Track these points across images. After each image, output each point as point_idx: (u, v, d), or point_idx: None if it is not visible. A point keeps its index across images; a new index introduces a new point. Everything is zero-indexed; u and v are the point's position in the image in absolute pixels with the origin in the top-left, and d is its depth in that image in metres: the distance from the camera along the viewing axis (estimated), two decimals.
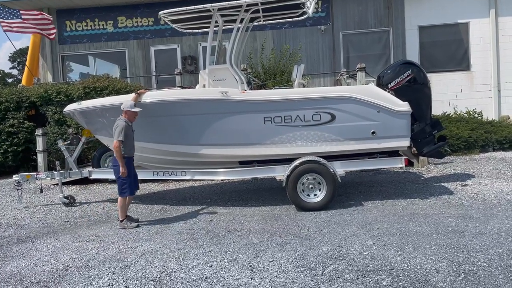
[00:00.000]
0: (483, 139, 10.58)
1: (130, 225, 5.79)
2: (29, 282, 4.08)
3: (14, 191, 7.77)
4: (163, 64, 14.18)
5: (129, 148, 5.87)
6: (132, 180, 5.87)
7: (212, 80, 6.71)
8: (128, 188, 5.80)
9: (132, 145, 5.93)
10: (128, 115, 5.89)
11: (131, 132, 5.92)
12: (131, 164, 5.91)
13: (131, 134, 5.91)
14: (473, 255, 4.10)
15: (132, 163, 5.94)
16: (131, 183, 5.83)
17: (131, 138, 5.90)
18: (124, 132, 5.69)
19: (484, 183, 7.30)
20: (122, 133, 5.67)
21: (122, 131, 5.67)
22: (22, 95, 10.74)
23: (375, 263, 4.04)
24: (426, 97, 6.81)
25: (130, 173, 5.79)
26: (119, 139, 5.64)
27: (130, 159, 5.88)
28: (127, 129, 5.77)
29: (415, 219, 5.43)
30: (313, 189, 6.23)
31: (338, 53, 13.58)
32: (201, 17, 7.08)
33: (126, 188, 5.79)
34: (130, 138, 5.87)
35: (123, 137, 5.67)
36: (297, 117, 6.32)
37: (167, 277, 4.01)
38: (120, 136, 5.65)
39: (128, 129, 5.80)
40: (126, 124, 5.78)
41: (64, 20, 14.19)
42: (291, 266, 4.09)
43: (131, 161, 5.93)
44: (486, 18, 13.06)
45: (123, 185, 5.80)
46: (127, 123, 5.82)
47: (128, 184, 5.79)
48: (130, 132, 5.89)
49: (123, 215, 5.83)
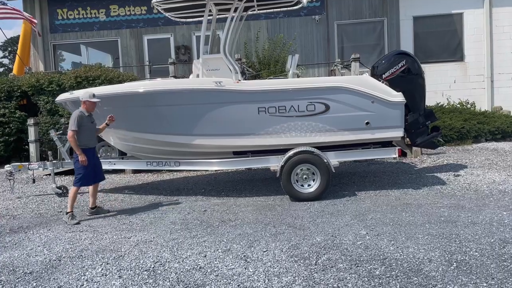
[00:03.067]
0: (476, 129, 10.64)
1: (71, 221, 5.61)
2: (22, 272, 4.06)
3: (6, 181, 7.71)
4: (156, 53, 14.05)
5: (87, 139, 5.80)
6: (89, 172, 5.77)
7: (206, 70, 6.66)
8: (82, 179, 5.75)
9: (90, 136, 5.86)
10: (86, 105, 5.82)
11: (90, 124, 5.86)
12: (90, 155, 5.80)
13: (89, 125, 5.84)
14: (465, 245, 4.14)
15: (92, 154, 5.86)
16: (87, 174, 5.76)
17: (89, 129, 5.83)
18: (77, 122, 5.65)
19: (477, 174, 7.35)
20: (75, 123, 5.63)
21: (75, 121, 5.64)
22: (13, 84, 10.61)
23: (368, 253, 4.06)
24: (420, 88, 6.81)
25: (88, 164, 5.71)
26: (72, 129, 5.62)
27: (89, 150, 5.79)
28: (81, 120, 5.71)
29: (408, 209, 5.47)
30: (307, 180, 6.24)
31: (332, 43, 13.53)
32: (195, 5, 6.99)
33: (80, 179, 5.74)
34: (88, 129, 5.80)
35: (76, 127, 5.63)
36: (291, 108, 6.30)
37: (161, 267, 4.01)
38: (73, 126, 5.63)
39: (83, 120, 5.73)
40: (80, 115, 5.73)
41: (56, 9, 13.98)
42: (285, 256, 4.11)
43: (91, 152, 5.84)
44: (481, 8, 13.06)
45: (78, 175, 5.77)
46: (82, 113, 5.77)
47: (83, 175, 5.73)
48: (88, 123, 5.82)
49: (69, 206, 5.74)
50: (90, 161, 5.77)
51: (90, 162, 5.77)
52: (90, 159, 5.76)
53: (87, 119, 5.81)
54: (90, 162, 5.77)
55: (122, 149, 7.50)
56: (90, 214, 5.97)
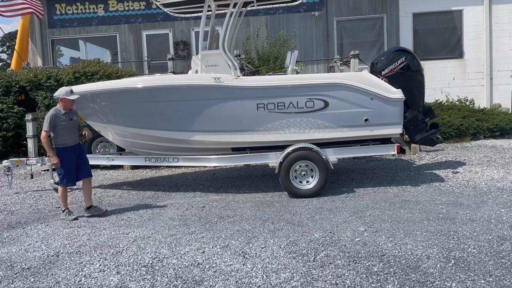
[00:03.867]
0: (475, 127, 10.64)
1: (68, 217, 5.55)
2: (19, 268, 4.05)
3: (4, 176, 7.68)
4: (155, 49, 13.99)
5: (64, 138, 5.56)
6: (69, 170, 5.56)
7: (204, 65, 6.64)
8: (64, 178, 5.56)
9: (69, 135, 5.60)
10: (64, 103, 5.57)
11: (68, 121, 5.57)
12: (70, 153, 5.58)
13: (67, 124, 5.56)
14: (463, 242, 4.14)
15: (72, 152, 5.60)
16: (68, 173, 5.55)
17: (67, 127, 5.56)
18: (50, 122, 5.44)
19: (475, 171, 7.36)
20: (48, 124, 5.44)
21: (48, 121, 5.44)
22: (11, 79, 10.55)
23: (367, 249, 4.06)
24: (419, 85, 6.80)
25: (67, 163, 5.54)
26: (44, 129, 5.44)
27: (68, 149, 5.56)
28: (56, 119, 5.49)
29: (407, 206, 5.47)
30: (306, 176, 6.23)
31: (331, 39, 13.50)
32: (194, 1, 6.97)
33: (62, 178, 5.58)
34: (65, 127, 5.54)
35: (49, 127, 5.43)
36: (290, 104, 6.29)
37: (159, 263, 4.00)
38: (46, 127, 5.44)
39: (58, 119, 5.50)
40: (55, 113, 5.52)
41: (54, 3, 13.89)
42: (283, 252, 4.11)
43: (71, 150, 5.59)
44: (480, 6, 13.02)
45: (59, 174, 5.61)
46: (58, 111, 5.55)
47: (63, 174, 5.55)
48: (66, 121, 5.55)
49: (63, 204, 5.65)
50: (71, 159, 5.57)
51: (71, 160, 5.57)
52: (70, 158, 5.56)
53: (64, 117, 5.55)
54: (71, 161, 5.57)
55: (121, 145, 7.48)
56: (86, 213, 5.75)
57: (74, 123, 5.69)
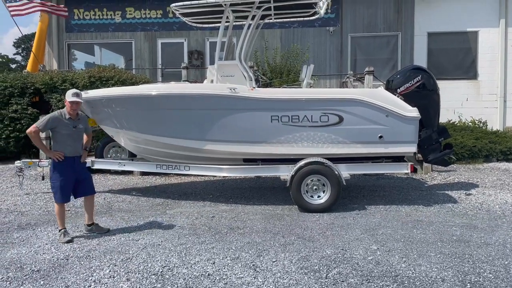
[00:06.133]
0: (488, 149, 10.53)
1: (63, 238, 4.84)
2: (29, 270, 4.04)
3: (15, 177, 7.72)
4: (169, 57, 14.12)
5: (63, 146, 4.90)
6: (63, 184, 4.86)
7: (220, 76, 6.66)
8: (57, 193, 4.86)
9: (69, 143, 4.91)
10: (67, 106, 4.94)
11: (70, 129, 4.92)
12: (67, 164, 4.89)
13: (68, 131, 4.90)
14: (479, 266, 4.06)
15: (69, 163, 4.90)
16: (62, 187, 4.85)
17: (67, 135, 4.90)
18: (46, 122, 4.85)
19: (488, 193, 7.25)
20: (43, 122, 4.85)
21: (45, 121, 4.86)
22: (27, 81, 10.69)
23: (380, 269, 3.99)
24: (435, 104, 6.76)
25: (62, 175, 4.86)
26: (36, 125, 4.85)
27: (64, 159, 4.87)
28: (56, 122, 4.88)
29: (419, 226, 5.39)
30: (317, 191, 6.18)
31: (345, 55, 13.53)
32: (213, 11, 7.03)
33: (55, 193, 4.90)
34: (65, 135, 4.89)
35: (42, 127, 4.83)
36: (304, 117, 6.27)
37: (169, 271, 3.96)
38: (39, 123, 4.87)
39: (58, 122, 4.88)
40: (56, 116, 4.91)
41: (73, 8, 14.10)
42: (295, 267, 4.05)
43: (67, 161, 4.89)
44: (496, 28, 13.01)
45: (52, 188, 4.93)
46: (61, 115, 4.92)
47: (56, 189, 4.86)
48: (67, 127, 4.90)
49: (59, 223, 4.94)
50: (67, 171, 4.89)
51: (67, 172, 4.89)
52: (67, 170, 4.88)
53: (68, 122, 4.91)
54: (67, 173, 4.89)
55: (133, 150, 7.50)
56: (86, 231, 5.16)
57: (78, 132, 5.04)
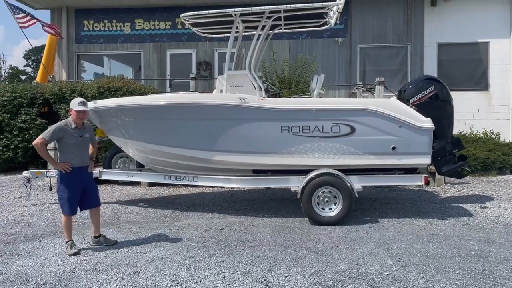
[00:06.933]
0: (501, 161, 10.31)
1: (69, 250, 4.75)
2: (35, 283, 3.93)
3: (23, 187, 7.67)
4: (178, 68, 14.13)
5: (69, 156, 4.82)
6: (71, 196, 4.79)
7: (230, 85, 6.59)
8: (64, 205, 4.78)
9: (76, 153, 4.84)
10: (72, 115, 4.87)
11: (77, 138, 4.84)
12: (75, 176, 4.82)
13: (74, 140, 4.82)
14: (500, 282, 3.89)
15: (76, 174, 4.84)
16: (70, 199, 4.78)
17: (74, 145, 4.82)
18: (53, 133, 4.76)
19: (504, 207, 7.05)
20: (49, 133, 4.76)
21: (51, 131, 4.77)
22: (36, 91, 10.72)
23: (397, 285, 3.84)
24: (448, 115, 6.62)
25: (70, 187, 4.79)
26: (42, 136, 4.77)
27: (72, 170, 4.79)
28: (62, 132, 4.79)
29: (435, 240, 5.22)
30: (329, 203, 6.04)
31: (354, 66, 13.45)
32: (222, 21, 6.98)
33: (62, 205, 4.82)
34: (71, 145, 4.81)
35: (49, 138, 4.76)
36: (315, 128, 6.16)
37: (178, 286, 3.84)
38: (45, 134, 4.79)
39: (64, 132, 4.79)
40: (62, 126, 4.82)
41: (82, 20, 14.22)
42: (308, 283, 3.91)
43: (75, 172, 4.82)
44: (507, 38, 12.87)
45: (60, 199, 4.84)
46: (66, 125, 4.84)
47: (64, 201, 4.78)
48: (73, 137, 4.82)
49: (66, 235, 4.87)
50: (75, 182, 4.83)
51: (75, 183, 4.83)
52: (75, 181, 4.82)
53: (74, 131, 4.83)
54: (74, 184, 4.82)
55: (141, 161, 7.42)
56: (94, 243, 5.06)
57: (85, 141, 4.96)
